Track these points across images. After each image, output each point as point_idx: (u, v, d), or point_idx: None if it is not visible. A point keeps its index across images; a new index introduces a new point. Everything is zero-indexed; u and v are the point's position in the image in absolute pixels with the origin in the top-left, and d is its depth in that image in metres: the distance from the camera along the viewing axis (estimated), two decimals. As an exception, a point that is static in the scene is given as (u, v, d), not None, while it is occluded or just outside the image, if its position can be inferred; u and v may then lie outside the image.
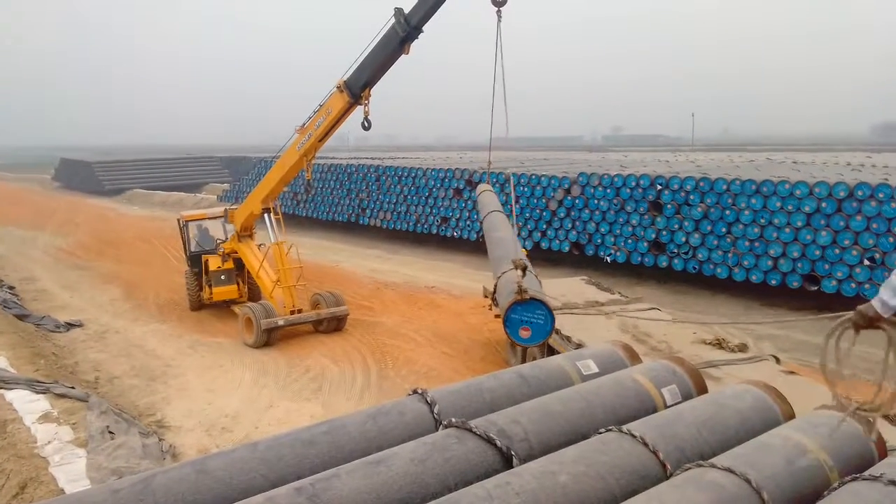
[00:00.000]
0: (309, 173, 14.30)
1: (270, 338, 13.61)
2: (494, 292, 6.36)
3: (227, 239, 16.62)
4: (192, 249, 17.02)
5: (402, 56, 12.03)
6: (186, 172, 60.27)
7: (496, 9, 9.93)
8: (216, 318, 16.15)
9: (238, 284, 16.41)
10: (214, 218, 17.26)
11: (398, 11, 11.44)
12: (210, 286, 16.22)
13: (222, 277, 16.15)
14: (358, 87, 12.26)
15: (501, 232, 9.14)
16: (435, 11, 11.36)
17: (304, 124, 13.30)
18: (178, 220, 17.45)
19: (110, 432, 9.28)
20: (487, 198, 11.53)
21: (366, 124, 12.55)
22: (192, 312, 16.64)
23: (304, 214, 31.56)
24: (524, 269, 6.23)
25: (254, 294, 16.81)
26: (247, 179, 36.95)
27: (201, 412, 10.43)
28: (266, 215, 14.58)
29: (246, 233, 15.77)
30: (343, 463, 2.89)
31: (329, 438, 3.09)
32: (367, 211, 28.21)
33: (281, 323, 13.59)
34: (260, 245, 16.00)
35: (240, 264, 16.41)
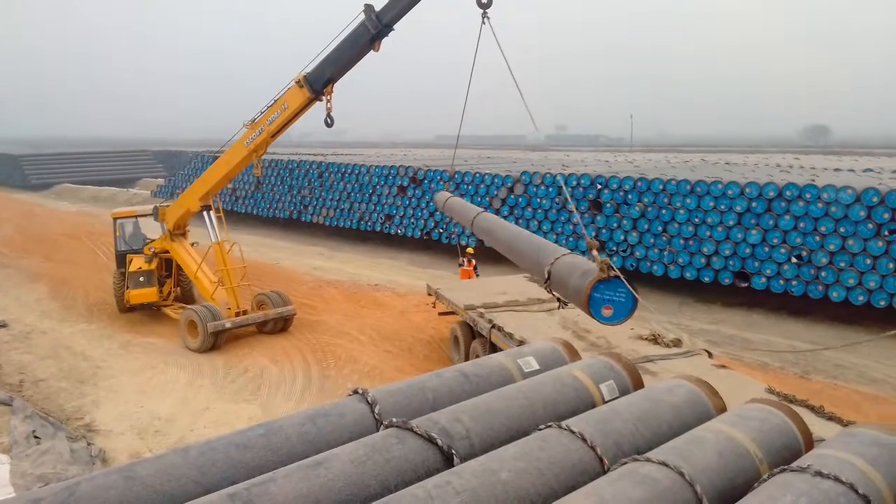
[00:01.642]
0: (258, 170, 13.89)
1: (217, 341, 13.14)
2: (548, 280, 6.21)
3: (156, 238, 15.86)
4: (120, 248, 16.24)
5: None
6: (118, 167, 58.18)
7: (482, 11, 9.71)
8: (149, 318, 15.62)
9: (159, 286, 15.57)
10: (145, 215, 16.39)
11: (369, 8, 11.14)
12: (128, 288, 15.37)
13: (141, 279, 15.28)
14: (320, 83, 11.94)
15: (514, 228, 8.97)
16: (409, 10, 11.08)
17: (254, 119, 12.83)
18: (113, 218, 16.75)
19: (36, 437, 8.89)
20: (460, 202, 11.44)
21: (329, 121, 12.19)
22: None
23: (244, 211, 30.89)
24: (598, 249, 6.17)
25: (187, 295, 16.23)
26: (182, 175, 35.90)
27: (133, 415, 10.08)
28: (206, 213, 13.98)
29: (179, 231, 15.06)
30: (280, 467, 2.80)
31: (265, 442, 3.00)
32: (310, 208, 27.81)
33: (228, 325, 13.15)
34: (193, 243, 15.47)
35: (169, 264, 15.74)
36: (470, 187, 21.99)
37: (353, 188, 26.04)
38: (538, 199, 20.16)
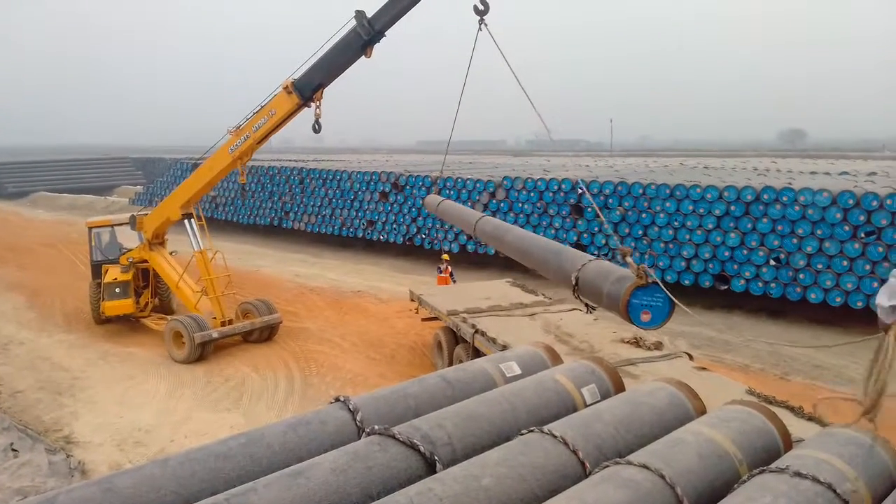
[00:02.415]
0: (244, 177, 13.70)
1: (204, 352, 12.90)
2: (576, 286, 6.18)
3: (132, 248, 15.44)
4: (95, 258, 15.85)
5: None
6: (96, 174, 57.57)
7: (478, 17, 9.62)
8: (128, 328, 15.42)
9: (136, 297, 15.18)
10: (121, 224, 15.97)
11: (360, 15, 10.97)
12: (103, 299, 14.94)
13: (117, 290, 14.86)
14: (309, 89, 11.76)
15: (523, 232, 8.78)
16: (402, 16, 10.92)
17: (238, 125, 12.60)
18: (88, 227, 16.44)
19: (14, 450, 8.77)
20: (455, 206, 11.24)
21: (316, 127, 12.01)
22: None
23: (224, 218, 30.65)
24: (631, 255, 6.12)
25: (165, 305, 15.97)
26: (161, 182, 35.58)
27: (112, 426, 9.95)
28: (187, 221, 13.71)
29: (157, 240, 14.77)
30: (261, 476, 2.78)
31: (246, 451, 2.98)
32: (291, 214, 27.68)
33: (215, 335, 12.92)
34: (172, 252, 15.27)
35: (146, 275, 15.40)
36: (452, 192, 22.00)
37: (334, 194, 25.96)
38: (520, 204, 20.25)
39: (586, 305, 6.68)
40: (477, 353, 9.68)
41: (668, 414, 3.55)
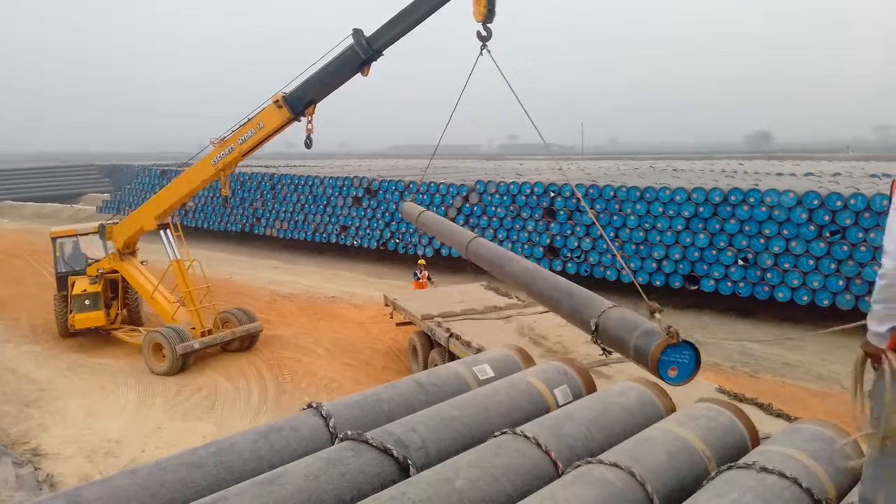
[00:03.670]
0: (227, 189, 13.50)
1: (185, 363, 12.62)
2: (596, 331, 6.15)
3: (99, 259, 15.01)
4: (60, 269, 15.36)
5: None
6: (62, 182, 56.49)
7: (481, 43, 9.40)
8: (97, 338, 15.11)
9: (106, 309, 14.68)
10: (87, 234, 15.44)
11: (358, 33, 10.74)
12: (72, 312, 14.50)
13: (86, 302, 14.40)
14: (301, 105, 11.55)
15: (528, 264, 8.54)
16: (403, 36, 10.68)
17: (223, 137, 12.33)
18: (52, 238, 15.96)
19: (-23, 465, 8.54)
20: (441, 221, 10.95)
21: (308, 143, 11.82)
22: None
23: (194, 225, 30.26)
24: (660, 312, 6.08)
25: (134, 317, 15.60)
26: (129, 189, 35.01)
27: (81, 437, 9.75)
28: (163, 231, 13.42)
29: (128, 250, 14.40)
30: (232, 485, 2.76)
31: (217, 459, 2.95)
32: (263, 220, 27.43)
33: (197, 346, 12.63)
34: (143, 261, 14.99)
35: (115, 286, 15.00)
36: (426, 197, 22.03)
37: (306, 200, 25.79)
38: (493, 208, 20.33)
39: (603, 349, 6.76)
40: (452, 357, 9.69)
41: (639, 413, 3.60)
